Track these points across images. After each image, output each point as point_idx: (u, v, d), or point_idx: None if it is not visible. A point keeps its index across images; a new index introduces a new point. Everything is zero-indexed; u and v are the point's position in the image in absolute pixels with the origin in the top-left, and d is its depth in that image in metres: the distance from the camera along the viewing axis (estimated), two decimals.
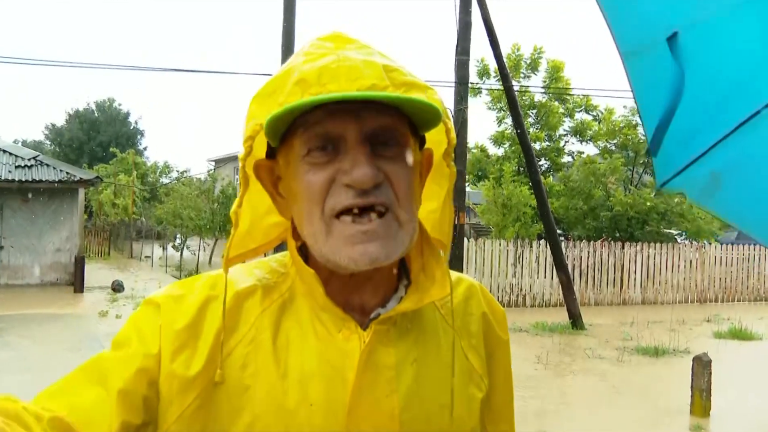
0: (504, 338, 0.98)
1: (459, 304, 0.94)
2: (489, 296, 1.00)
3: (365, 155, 0.77)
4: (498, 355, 0.97)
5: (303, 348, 0.84)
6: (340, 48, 0.80)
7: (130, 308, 13.16)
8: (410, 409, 0.84)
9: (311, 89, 0.75)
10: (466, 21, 11.04)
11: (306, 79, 0.76)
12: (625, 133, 19.56)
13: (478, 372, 0.93)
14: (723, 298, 17.04)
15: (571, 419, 6.67)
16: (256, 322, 0.85)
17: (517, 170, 19.72)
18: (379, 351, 0.84)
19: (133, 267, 23.72)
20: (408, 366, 0.85)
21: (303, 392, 0.81)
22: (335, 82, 0.75)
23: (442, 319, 0.92)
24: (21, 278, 16.68)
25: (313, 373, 0.82)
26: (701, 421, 6.41)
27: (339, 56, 0.78)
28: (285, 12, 11.53)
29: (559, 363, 8.90)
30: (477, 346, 0.94)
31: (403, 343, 0.86)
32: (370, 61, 0.77)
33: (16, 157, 17.04)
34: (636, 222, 18.10)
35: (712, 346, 9.73)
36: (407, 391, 0.84)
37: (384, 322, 0.85)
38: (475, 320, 0.95)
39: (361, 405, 0.82)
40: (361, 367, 0.82)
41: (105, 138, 50.21)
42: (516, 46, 20.87)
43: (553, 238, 12.19)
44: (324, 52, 0.79)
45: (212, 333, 0.83)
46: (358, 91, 0.74)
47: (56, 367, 8.05)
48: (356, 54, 0.78)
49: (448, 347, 0.89)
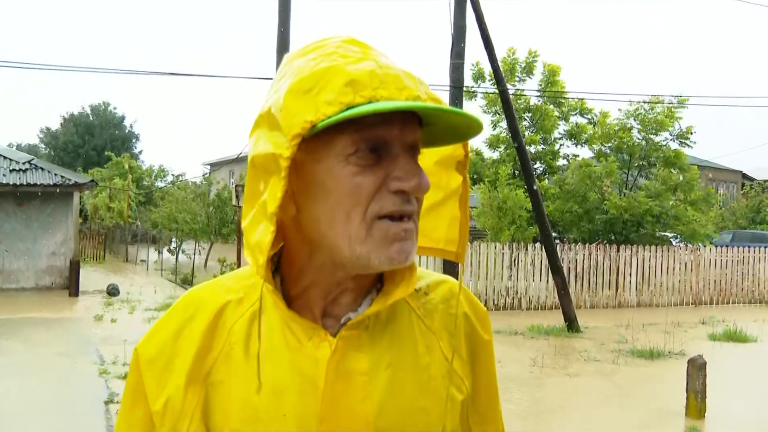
0: (486, 338, 0.97)
1: (439, 305, 0.93)
2: (471, 297, 0.98)
3: (417, 165, 0.80)
4: (481, 356, 0.96)
5: (275, 358, 0.84)
6: (369, 54, 0.80)
7: (125, 312, 13.13)
8: (385, 414, 0.83)
9: (364, 92, 0.75)
10: (461, 25, 11.07)
11: (358, 80, 0.75)
12: (620, 136, 19.62)
13: (458, 373, 0.91)
14: (718, 301, 17.09)
15: (566, 422, 6.67)
16: (229, 336, 0.86)
17: (513, 173, 19.76)
18: (351, 357, 0.83)
19: (128, 271, 23.66)
20: (382, 371, 0.84)
21: (276, 403, 0.82)
22: (385, 88, 0.75)
23: (419, 321, 0.90)
24: (16, 282, 16.62)
25: (285, 383, 0.82)
26: (696, 423, 6.43)
27: (378, 62, 0.78)
28: (280, 15, 11.53)
29: (554, 366, 8.91)
30: (458, 347, 0.92)
31: (377, 348, 0.85)
32: (407, 72, 0.79)
33: (10, 160, 16.99)
34: (631, 225, 18.15)
35: (707, 349, 9.76)
36: (382, 397, 0.83)
37: (355, 327, 0.84)
38: (456, 321, 0.93)
39: (334, 413, 0.81)
40: (331, 375, 0.82)
41: (100, 142, 50.17)
42: (511, 50, 20.93)
43: (548, 241, 12.22)
44: (360, 57, 0.79)
45: (190, 356, 0.86)
46: (406, 100, 0.75)
47: (51, 371, 8.05)
48: (387, 62, 0.79)
49: (425, 349, 0.88)
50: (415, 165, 0.79)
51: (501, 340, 10.89)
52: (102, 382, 7.47)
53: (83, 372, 7.98)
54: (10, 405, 6.64)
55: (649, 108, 19.51)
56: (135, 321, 12.09)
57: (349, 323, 0.84)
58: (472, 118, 0.78)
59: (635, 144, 19.59)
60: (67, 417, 6.33)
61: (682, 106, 19.47)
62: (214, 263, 21.09)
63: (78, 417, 6.34)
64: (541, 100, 21.14)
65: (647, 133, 19.50)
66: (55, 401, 6.81)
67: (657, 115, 19.28)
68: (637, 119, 19.61)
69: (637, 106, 19.61)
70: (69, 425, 6.12)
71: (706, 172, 34.92)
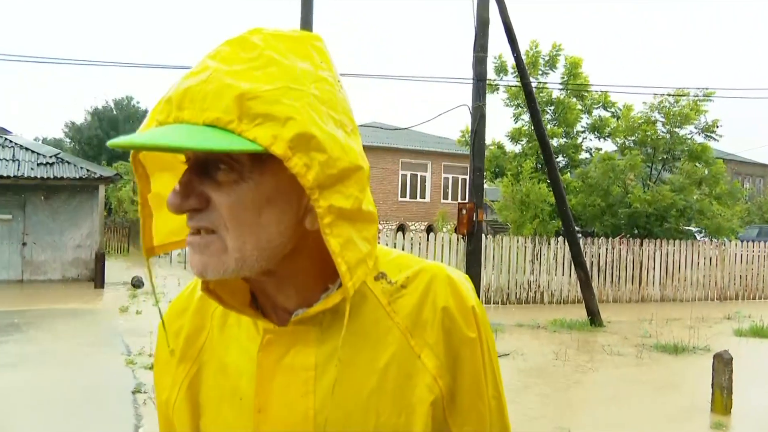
0: (470, 336, 0.89)
1: (415, 299, 0.88)
2: (458, 288, 0.90)
3: (182, 183, 0.78)
4: (464, 354, 0.88)
5: (238, 345, 0.89)
6: (224, 61, 0.77)
7: (150, 304, 13.29)
8: (327, 411, 0.83)
9: (173, 113, 0.75)
10: (484, 18, 11.02)
11: (172, 99, 0.76)
12: (644, 129, 19.42)
13: (431, 373, 0.86)
14: (744, 296, 16.88)
15: (590, 416, 6.65)
16: (212, 320, 0.94)
17: (536, 167, 19.66)
18: (298, 351, 0.84)
19: (152, 263, 23.91)
20: (331, 367, 0.83)
21: (235, 387, 0.87)
22: (190, 108, 0.74)
23: (387, 318, 0.87)
24: (43, 274, 16.90)
25: (242, 369, 0.87)
26: (722, 419, 6.38)
27: (210, 75, 0.75)
28: (303, 7, 11.56)
29: (577, 360, 8.88)
30: (433, 344, 0.87)
31: (329, 344, 0.84)
32: (227, 85, 0.74)
33: (37, 154, 17.26)
34: (655, 219, 17.99)
35: (733, 344, 9.65)
36: (325, 393, 0.83)
37: (304, 323, 0.84)
38: (434, 316, 0.88)
39: (272, 404, 0.84)
40: (267, 367, 0.85)
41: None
42: (534, 43, 20.78)
43: (571, 235, 12.15)
44: (204, 66, 0.78)
45: (183, 335, 0.95)
46: (204, 123, 0.73)
47: (78, 361, 8.19)
48: (223, 75, 0.75)
49: (388, 347, 0.86)
50: (180, 182, 0.79)
51: (524, 333, 10.87)
52: (129, 372, 7.58)
53: (111, 362, 8.10)
54: (40, 394, 6.77)
55: (674, 101, 19.28)
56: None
57: (295, 319, 0.84)
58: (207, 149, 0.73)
59: (659, 137, 19.39)
60: (96, 406, 6.44)
61: (708, 99, 19.22)
62: None
63: (107, 406, 6.45)
64: (563, 93, 20.99)
65: (672, 127, 19.28)
66: (84, 390, 6.94)
67: (682, 108, 19.05)
68: (662, 112, 19.40)
69: (662, 99, 19.39)
70: (99, 414, 6.23)
71: (732, 165, 34.43)
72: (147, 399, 6.50)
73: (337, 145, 0.77)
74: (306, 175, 0.74)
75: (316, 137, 0.74)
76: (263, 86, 0.74)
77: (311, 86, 0.77)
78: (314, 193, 0.75)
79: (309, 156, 0.74)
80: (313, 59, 0.81)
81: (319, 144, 0.75)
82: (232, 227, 0.78)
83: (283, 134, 0.73)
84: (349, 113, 0.83)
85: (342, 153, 0.78)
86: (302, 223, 0.80)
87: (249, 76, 0.75)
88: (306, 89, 0.76)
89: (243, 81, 0.74)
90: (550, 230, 17.05)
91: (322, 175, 0.75)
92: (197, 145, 0.71)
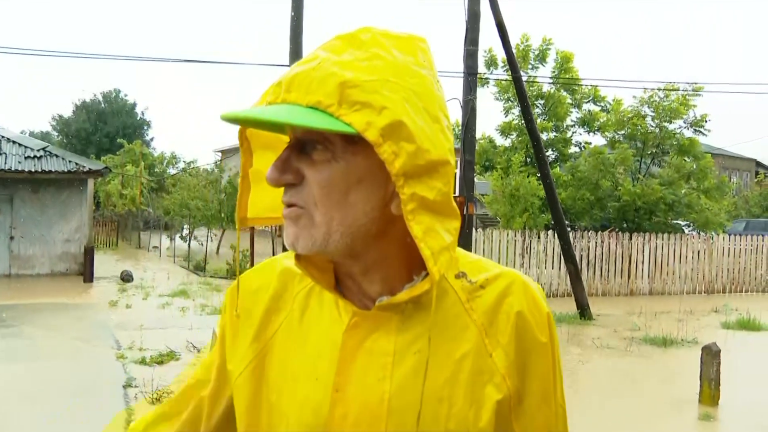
0: (542, 341, 0.93)
1: (492, 300, 0.92)
2: (533, 295, 0.95)
3: (281, 158, 0.85)
4: (534, 358, 0.92)
5: (319, 328, 0.92)
6: (333, 52, 0.83)
7: (140, 298, 13.25)
8: (402, 396, 0.85)
9: (281, 95, 0.82)
10: (475, 11, 11.01)
11: (282, 83, 0.82)
12: (634, 123, 19.49)
13: (500, 372, 0.89)
14: (731, 289, 17.03)
15: (580, 408, 6.70)
16: (293, 303, 0.97)
17: (525, 161, 19.70)
18: (379, 336, 0.88)
19: (141, 257, 23.83)
20: (410, 355, 0.87)
21: (312, 367, 0.90)
22: (297, 91, 0.81)
23: (465, 314, 0.91)
24: (31, 268, 16.80)
25: (322, 350, 0.90)
26: (710, 410, 6.45)
27: (319, 63, 0.82)
28: (293, 1, 11.50)
29: (567, 353, 8.93)
30: (506, 345, 0.91)
31: (410, 332, 0.88)
32: (333, 73, 0.80)
33: (25, 147, 17.11)
34: (644, 213, 18.09)
35: (720, 337, 9.74)
36: (402, 379, 0.86)
37: (387, 309, 0.88)
38: (508, 318, 0.92)
39: (350, 385, 0.86)
40: (350, 349, 0.88)
41: (112, 129, 50.35)
42: (525, 37, 20.79)
43: (561, 228, 12.20)
44: (315, 55, 0.84)
45: (258, 315, 0.98)
46: (307, 104, 0.80)
47: (67, 355, 8.15)
48: (330, 65, 0.81)
49: (464, 342, 0.89)
50: (279, 158, 0.85)
51: None
52: (120, 367, 7.57)
53: (101, 357, 8.08)
54: (29, 389, 6.74)
55: (664, 95, 19.36)
56: (149, 307, 12.21)
57: (379, 305, 0.88)
58: (308, 126, 0.79)
59: (649, 132, 19.47)
60: (87, 400, 6.41)
61: (697, 94, 19.30)
62: (227, 250, 21.21)
63: (98, 400, 6.43)
64: (553, 87, 21.02)
65: (661, 121, 19.37)
66: (74, 385, 6.91)
67: (671, 102, 19.14)
68: (651, 107, 19.48)
69: (652, 94, 19.46)
70: (90, 409, 6.20)
71: (720, 160, 34.66)
72: (137, 393, 6.49)
73: (427, 138, 0.82)
74: (393, 162, 0.79)
75: (407, 128, 0.79)
76: (365, 77, 0.80)
77: (410, 81, 0.83)
78: (399, 180, 0.79)
79: (398, 145, 0.79)
80: (417, 57, 0.86)
81: (410, 134, 0.80)
82: (320, 203, 0.83)
83: (377, 122, 0.78)
84: (444, 110, 0.87)
85: (431, 146, 0.82)
86: (388, 206, 0.84)
87: (354, 66, 0.81)
88: (404, 83, 0.82)
89: (347, 71, 0.80)
90: (540, 224, 17.11)
91: (409, 164, 0.80)
92: (298, 121, 0.78)
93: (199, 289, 14.80)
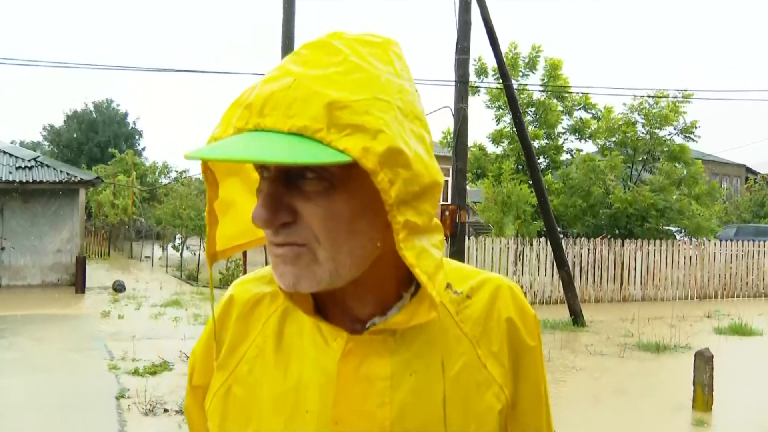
0: (531, 344, 0.92)
1: (480, 309, 0.90)
2: (519, 299, 0.93)
3: (269, 195, 0.75)
4: (525, 363, 0.91)
5: (301, 355, 0.85)
6: (307, 66, 0.74)
7: (132, 308, 13.18)
8: (403, 421, 0.82)
9: (252, 120, 0.72)
10: (466, 20, 11.07)
11: (252, 105, 0.72)
12: (624, 130, 19.62)
13: (497, 382, 0.88)
14: (723, 294, 17.10)
15: (573, 415, 6.70)
16: (263, 329, 0.89)
17: (516, 168, 19.76)
18: (373, 361, 0.83)
19: (133, 267, 23.73)
20: (406, 377, 0.83)
21: (300, 399, 0.83)
22: (273, 115, 0.71)
23: (455, 327, 0.88)
24: (22, 279, 16.70)
25: (309, 380, 0.83)
26: (704, 416, 6.46)
27: (296, 80, 0.73)
28: (285, 11, 11.54)
29: (561, 359, 8.94)
30: (498, 353, 0.89)
31: (403, 354, 0.84)
32: (315, 92, 0.71)
33: (16, 158, 17.06)
34: (635, 219, 18.17)
35: (713, 342, 9.77)
36: (401, 404, 0.82)
37: (380, 332, 0.83)
38: (499, 326, 0.90)
39: (350, 415, 0.81)
40: (346, 377, 0.82)
41: (103, 138, 50.17)
42: (514, 45, 20.91)
43: (554, 235, 12.23)
44: (285, 70, 0.75)
45: (223, 341, 0.92)
46: (289, 131, 0.69)
47: (60, 366, 8.10)
48: (309, 81, 0.72)
49: (458, 357, 0.87)
50: (266, 195, 0.75)
51: None
52: (112, 378, 7.52)
53: (93, 368, 8.03)
54: (22, 401, 6.69)
55: (654, 102, 19.49)
56: (142, 317, 12.15)
57: (373, 329, 0.83)
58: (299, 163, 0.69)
59: (639, 138, 19.59)
60: (79, 412, 6.37)
61: (687, 101, 19.46)
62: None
63: (90, 412, 6.38)
64: (544, 94, 21.13)
65: (652, 128, 19.49)
66: (67, 396, 6.86)
67: (662, 109, 19.27)
68: (642, 114, 19.60)
69: (642, 101, 19.60)
70: (82, 420, 6.17)
71: (710, 166, 34.86)
72: (131, 404, 6.45)
73: (421, 162, 0.76)
74: (389, 191, 0.72)
75: (404, 153, 0.73)
76: (352, 96, 0.72)
77: (396, 97, 0.75)
78: (392, 210, 0.73)
79: (394, 171, 0.72)
80: (395, 66, 0.79)
81: (406, 160, 0.73)
82: (324, 239, 0.75)
83: (375, 147, 0.70)
84: (426, 125, 0.80)
85: (424, 170, 0.76)
86: (389, 228, 0.76)
87: (336, 82, 0.72)
88: (392, 100, 0.74)
89: (331, 89, 0.71)
90: (533, 231, 17.16)
91: (404, 191, 0.73)
92: (289, 159, 0.67)
93: (191, 299, 14.74)
